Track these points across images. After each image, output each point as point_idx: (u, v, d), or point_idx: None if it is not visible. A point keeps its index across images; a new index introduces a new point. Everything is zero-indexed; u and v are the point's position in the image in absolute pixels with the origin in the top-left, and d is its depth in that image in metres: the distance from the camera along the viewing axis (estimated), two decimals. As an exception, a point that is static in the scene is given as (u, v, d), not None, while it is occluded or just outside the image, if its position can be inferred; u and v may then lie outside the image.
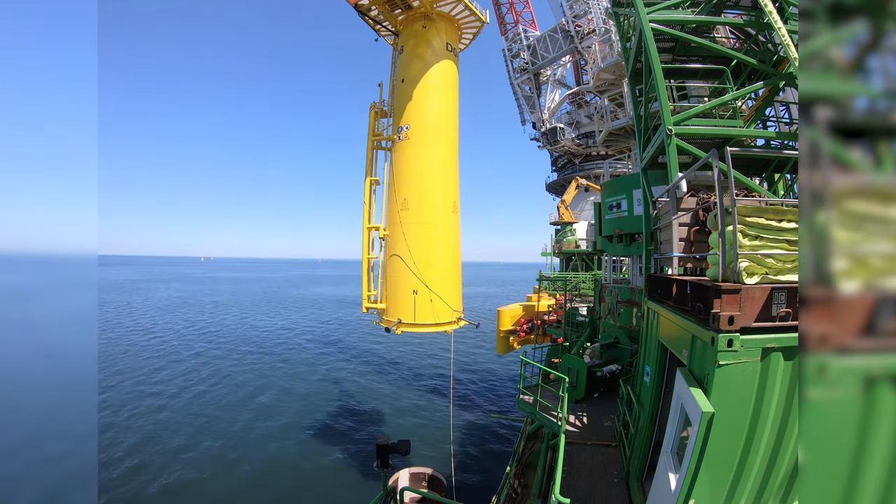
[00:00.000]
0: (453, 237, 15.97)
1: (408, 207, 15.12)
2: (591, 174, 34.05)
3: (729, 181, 4.14)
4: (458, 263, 16.26)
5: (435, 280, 14.78)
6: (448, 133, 16.45)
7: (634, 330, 11.87)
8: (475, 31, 17.89)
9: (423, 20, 16.12)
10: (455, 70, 17.10)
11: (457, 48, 17.40)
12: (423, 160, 15.61)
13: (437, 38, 16.37)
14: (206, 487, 16.70)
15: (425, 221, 15.11)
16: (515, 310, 21.13)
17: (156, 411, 24.23)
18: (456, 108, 17.11)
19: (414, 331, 14.57)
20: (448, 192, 15.91)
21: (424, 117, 15.85)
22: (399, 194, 15.34)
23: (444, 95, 16.44)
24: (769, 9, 7.62)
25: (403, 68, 16.55)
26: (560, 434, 8.11)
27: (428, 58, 16.21)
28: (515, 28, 31.97)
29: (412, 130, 15.68)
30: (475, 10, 16.50)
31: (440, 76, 16.33)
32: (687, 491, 4.03)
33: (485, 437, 21.75)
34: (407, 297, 14.64)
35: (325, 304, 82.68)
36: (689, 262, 6.31)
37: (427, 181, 15.56)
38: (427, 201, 15.34)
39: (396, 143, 15.94)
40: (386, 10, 16.25)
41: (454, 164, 16.59)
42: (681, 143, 7.41)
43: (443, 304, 14.70)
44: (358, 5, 16.02)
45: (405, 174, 15.58)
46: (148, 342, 42.53)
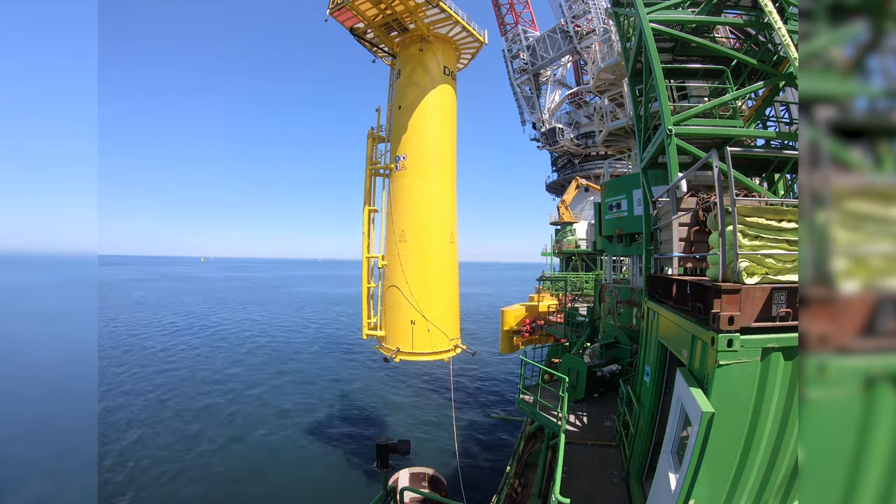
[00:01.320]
0: (451, 267, 16.06)
1: (405, 239, 15.18)
2: (591, 174, 34.05)
3: (729, 181, 4.14)
4: (455, 292, 16.36)
5: (432, 310, 14.95)
6: (446, 162, 16.28)
7: (634, 330, 11.87)
8: (473, 52, 17.63)
9: (419, 43, 15.87)
10: (453, 95, 16.85)
11: (455, 70, 17.14)
12: (420, 191, 15.53)
13: (434, 63, 16.14)
14: (206, 487, 16.69)
15: (423, 254, 15.19)
16: (519, 310, 21.19)
17: (145, 414, 24.23)
18: (454, 135, 16.91)
19: (412, 359, 14.86)
20: (445, 222, 15.88)
21: (422, 147, 15.69)
22: (397, 225, 15.37)
23: (441, 123, 16.22)
24: (769, 9, 7.62)
25: (400, 94, 16.29)
26: (560, 434, 8.11)
27: (425, 84, 15.96)
28: (515, 29, 31.98)
29: (409, 160, 15.56)
30: (473, 31, 16.26)
31: (438, 103, 16.09)
32: (687, 491, 4.03)
33: (485, 437, 21.75)
34: (405, 327, 14.85)
35: (325, 303, 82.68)
36: (689, 262, 6.31)
37: (425, 213, 15.51)
38: (425, 233, 15.36)
39: (394, 172, 15.86)
40: (382, 33, 16.06)
41: (452, 194, 16.47)
42: (681, 143, 7.41)
43: (440, 333, 14.96)
44: (353, 29, 15.86)
45: (403, 205, 15.53)
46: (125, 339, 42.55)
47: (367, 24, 15.56)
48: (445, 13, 14.98)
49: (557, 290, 23.39)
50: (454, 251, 16.22)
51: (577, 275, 25.59)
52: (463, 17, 15.69)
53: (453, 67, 17.05)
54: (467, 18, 15.94)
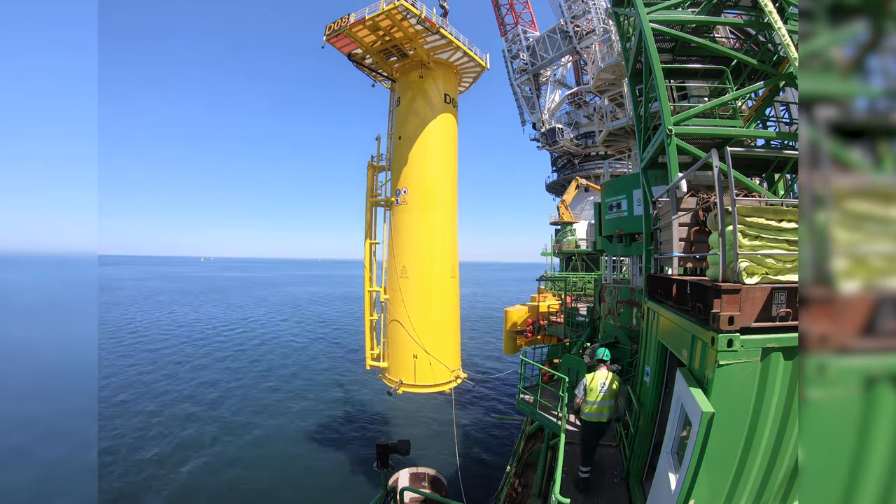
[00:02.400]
0: (452, 301, 16.14)
1: (407, 275, 15.23)
2: (590, 174, 34.06)
3: (729, 181, 4.14)
4: (456, 323, 16.46)
5: (434, 343, 15.07)
6: (447, 196, 16.11)
7: (634, 330, 11.86)
8: (475, 75, 17.31)
9: (419, 69, 15.57)
10: (454, 124, 16.55)
11: (455, 97, 16.80)
12: (421, 227, 15.44)
13: (435, 90, 15.82)
14: (205, 487, 16.68)
15: (425, 290, 15.26)
16: (521, 310, 21.23)
17: (149, 413, 24.22)
18: (455, 165, 16.68)
19: (414, 391, 15.16)
20: (447, 257, 15.87)
21: (423, 181, 15.51)
22: (398, 260, 15.39)
23: (442, 155, 15.96)
24: (769, 9, 7.62)
25: (400, 124, 16.00)
26: (560, 434, 8.11)
27: (425, 114, 15.65)
28: (515, 29, 31.99)
29: (410, 195, 15.43)
30: (475, 56, 15.97)
31: (439, 134, 15.77)
32: (687, 491, 4.03)
33: (485, 437, 21.75)
34: (407, 360, 15.04)
35: (325, 303, 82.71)
36: (689, 262, 6.31)
37: (426, 248, 15.45)
38: (426, 270, 15.37)
39: (395, 205, 15.76)
40: (381, 59, 15.78)
41: (453, 227, 16.41)
42: (681, 143, 7.41)
43: (441, 365, 15.13)
44: (351, 55, 15.58)
45: (404, 240, 15.46)
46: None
47: (365, 51, 15.28)
48: (446, 39, 14.73)
49: (559, 290, 23.40)
50: (455, 285, 16.31)
51: (577, 275, 25.60)
52: (464, 42, 15.35)
53: (454, 94, 16.70)
54: (469, 43, 15.59)
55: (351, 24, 13.86)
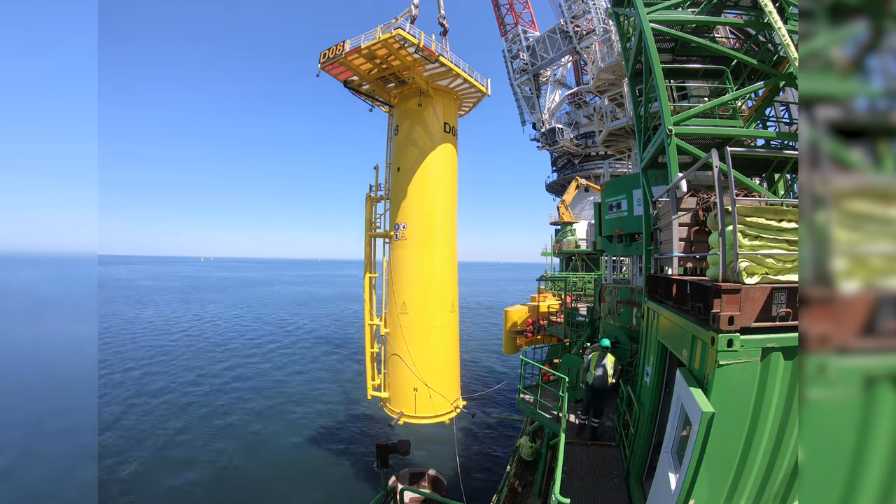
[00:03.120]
0: (452, 334, 16.14)
1: (407, 311, 15.20)
2: (590, 174, 34.08)
3: (729, 181, 4.14)
4: (456, 354, 16.49)
5: (434, 376, 15.14)
6: (446, 230, 15.93)
7: (634, 330, 11.87)
8: (476, 100, 16.94)
9: (418, 97, 15.16)
10: (454, 154, 16.24)
11: (455, 126, 16.44)
12: (421, 263, 15.32)
13: (434, 120, 15.44)
14: (206, 487, 16.68)
15: (424, 326, 15.24)
16: (521, 310, 21.21)
17: (145, 413, 24.22)
18: (454, 197, 16.44)
19: (415, 422, 15.25)
20: (447, 292, 15.82)
21: (422, 216, 15.29)
22: (398, 296, 15.33)
23: (442, 188, 15.70)
24: (769, 9, 7.63)
25: (399, 155, 15.68)
26: (560, 434, 8.11)
27: (424, 145, 15.31)
28: (515, 29, 32.00)
29: (409, 230, 15.26)
30: (476, 83, 15.57)
31: (438, 166, 15.48)
32: (687, 491, 4.03)
33: (485, 437, 21.75)
34: (408, 392, 15.11)
35: (326, 302, 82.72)
36: (689, 262, 6.31)
37: (426, 284, 15.38)
38: (426, 306, 15.33)
39: (394, 240, 15.61)
40: (378, 87, 15.47)
41: (453, 261, 16.30)
42: (681, 143, 7.42)
43: (441, 397, 15.25)
44: (348, 81, 15.20)
45: (403, 275, 15.36)
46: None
47: (361, 78, 14.94)
48: (446, 67, 14.33)
49: (559, 290, 23.41)
50: (455, 319, 16.32)
51: (577, 275, 25.61)
52: (464, 68, 14.99)
53: (454, 122, 16.32)
54: (469, 69, 15.21)
55: (346, 52, 13.45)
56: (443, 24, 16.47)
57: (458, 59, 14.93)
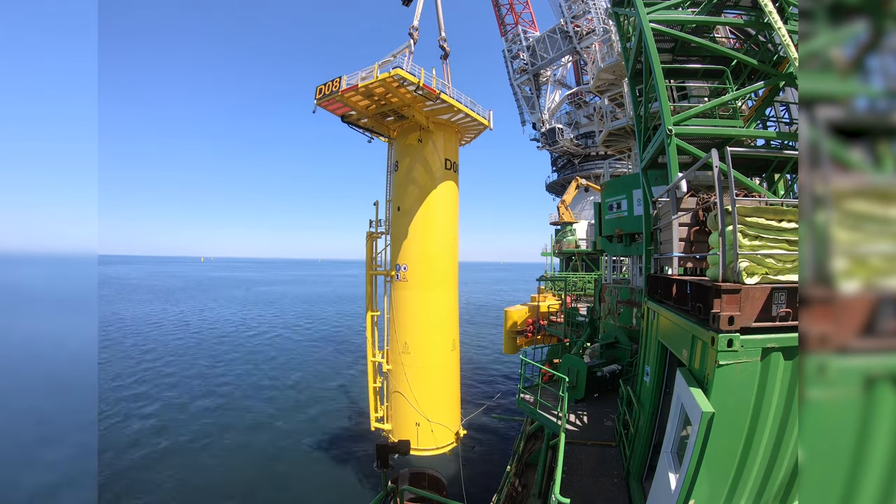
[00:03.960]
0: (453, 371, 16.24)
1: (409, 351, 15.26)
2: (590, 174, 34.08)
3: (729, 181, 4.14)
4: (457, 388, 16.59)
5: (435, 410, 15.26)
6: (447, 270, 15.80)
7: (634, 330, 11.87)
8: (478, 132, 16.66)
9: (418, 132, 14.83)
10: (455, 191, 15.99)
11: (457, 161, 16.15)
12: (422, 304, 15.32)
13: (435, 157, 15.13)
14: (205, 487, 16.69)
15: (426, 365, 15.35)
16: (522, 310, 21.21)
17: (145, 408, 24.21)
18: (455, 235, 16.28)
19: (418, 454, 15.33)
20: (448, 332, 15.85)
21: (422, 258, 15.18)
22: (400, 336, 15.38)
23: (443, 228, 15.50)
24: (769, 9, 7.63)
25: (399, 193, 15.43)
26: (560, 434, 8.11)
27: (425, 183, 15.03)
28: (515, 29, 31.99)
29: (410, 272, 15.18)
30: (478, 117, 15.20)
31: (439, 206, 15.23)
32: (687, 491, 4.02)
33: (485, 437, 21.74)
34: (410, 426, 15.24)
35: (326, 302, 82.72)
36: (689, 262, 6.31)
37: (427, 325, 15.40)
38: (427, 346, 15.40)
39: (395, 280, 15.56)
40: (376, 121, 15.21)
41: (454, 301, 16.29)
42: (681, 143, 7.41)
43: (443, 428, 15.40)
44: (346, 116, 14.88)
45: (405, 316, 15.37)
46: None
47: (359, 114, 14.66)
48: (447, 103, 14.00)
49: (559, 290, 23.41)
50: (456, 357, 16.40)
51: (577, 275, 25.61)
52: (466, 103, 14.67)
53: (455, 157, 16.01)
54: (471, 104, 14.89)
55: (343, 90, 13.18)
56: (443, 47, 16.08)
57: (461, 94, 14.50)
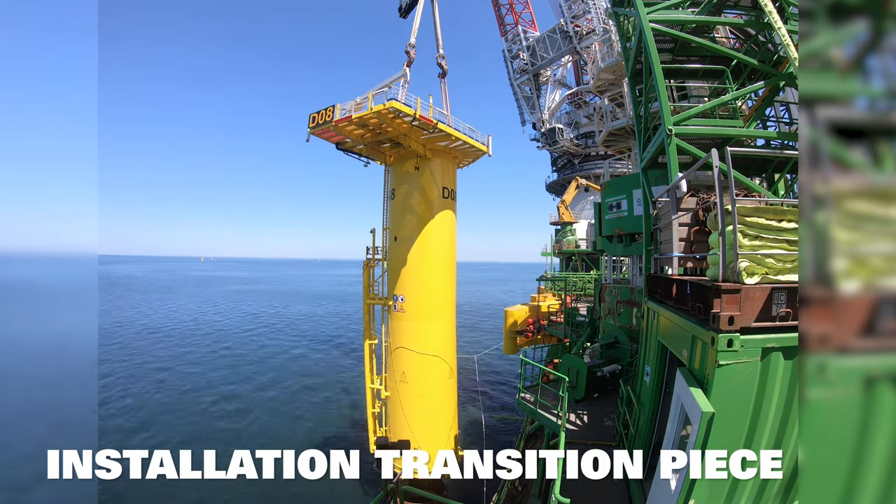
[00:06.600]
0: (450, 398, 16.23)
1: (406, 380, 15.24)
2: (590, 174, 34.07)
3: (729, 181, 4.14)
4: (454, 411, 16.62)
5: (432, 437, 15.31)
6: (445, 301, 15.69)
7: (634, 330, 11.87)
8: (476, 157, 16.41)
9: (415, 159, 14.56)
10: (453, 220, 15.79)
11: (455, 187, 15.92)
12: (420, 335, 15.17)
13: (433, 185, 14.90)
14: (204, 486, 16.68)
15: (423, 394, 15.31)
16: (521, 310, 21.21)
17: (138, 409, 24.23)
18: (454, 265, 16.14)
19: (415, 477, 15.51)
20: (446, 360, 15.77)
21: (420, 290, 15.01)
22: (397, 365, 15.32)
23: (441, 257, 15.35)
24: (769, 9, 7.63)
25: (396, 222, 15.25)
26: (560, 434, 8.11)
27: (422, 213, 14.81)
28: (515, 29, 31.96)
29: (408, 303, 15.03)
30: (476, 143, 14.94)
31: (437, 236, 15.04)
32: (687, 491, 4.03)
33: (485, 437, 21.74)
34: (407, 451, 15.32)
35: (325, 302, 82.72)
36: (689, 262, 6.31)
37: (425, 356, 15.26)
38: (425, 376, 15.31)
39: (392, 310, 15.46)
40: (372, 149, 14.96)
41: (452, 330, 16.23)
42: (681, 143, 7.41)
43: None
44: (341, 144, 14.57)
45: (401, 346, 15.26)
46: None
47: (354, 142, 14.38)
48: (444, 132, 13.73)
49: (559, 290, 23.42)
50: (454, 384, 16.42)
51: (577, 275, 25.61)
52: (465, 130, 14.40)
53: (453, 185, 15.76)
54: (470, 130, 14.61)
55: (336, 120, 12.87)
56: (441, 65, 15.86)
57: (459, 121, 14.17)
